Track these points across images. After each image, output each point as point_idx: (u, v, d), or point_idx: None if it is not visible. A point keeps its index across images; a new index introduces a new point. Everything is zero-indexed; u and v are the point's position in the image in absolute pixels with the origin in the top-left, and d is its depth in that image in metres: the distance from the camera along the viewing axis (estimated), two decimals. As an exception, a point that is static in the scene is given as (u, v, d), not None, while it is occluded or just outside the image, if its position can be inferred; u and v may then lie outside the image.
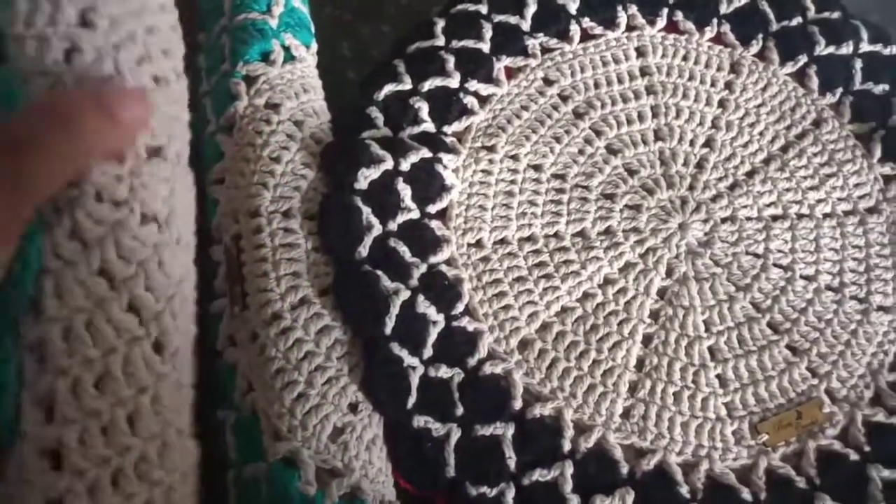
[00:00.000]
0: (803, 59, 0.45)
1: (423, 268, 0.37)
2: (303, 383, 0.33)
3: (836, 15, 0.46)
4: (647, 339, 0.39)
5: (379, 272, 0.36)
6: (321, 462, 0.32)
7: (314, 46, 0.42)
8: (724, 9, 0.46)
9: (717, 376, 0.38)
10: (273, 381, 0.33)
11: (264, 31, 0.40)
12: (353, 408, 0.34)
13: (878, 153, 0.43)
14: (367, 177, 0.38)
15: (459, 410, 0.35)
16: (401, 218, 0.39)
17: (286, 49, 0.40)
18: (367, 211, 0.38)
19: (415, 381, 0.35)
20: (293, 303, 0.35)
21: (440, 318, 0.36)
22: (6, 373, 0.26)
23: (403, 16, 0.49)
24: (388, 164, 0.39)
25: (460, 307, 0.37)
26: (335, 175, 0.38)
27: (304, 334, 0.35)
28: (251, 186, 0.37)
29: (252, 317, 0.35)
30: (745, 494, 0.35)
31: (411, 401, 0.35)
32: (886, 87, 0.45)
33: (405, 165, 0.39)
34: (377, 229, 0.38)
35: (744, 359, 0.38)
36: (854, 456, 0.36)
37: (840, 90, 0.45)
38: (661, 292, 0.40)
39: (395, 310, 0.35)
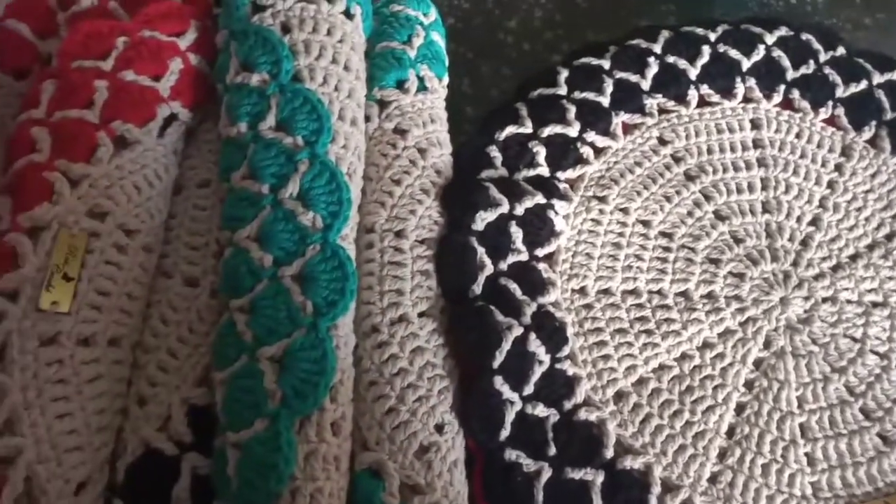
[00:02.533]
0: (915, 149, 0.46)
1: (534, 307, 0.38)
2: (394, 398, 0.34)
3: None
4: (740, 408, 0.39)
5: (492, 307, 0.37)
6: (405, 477, 0.33)
7: (446, 79, 0.44)
8: (839, 92, 0.47)
9: (806, 454, 0.38)
10: (366, 392, 0.34)
11: (402, 61, 0.41)
12: (440, 428, 0.35)
13: (985, 252, 0.44)
14: (484, 219, 0.39)
15: (552, 450, 0.36)
16: (511, 259, 0.40)
17: (420, 79, 0.42)
18: (481, 251, 0.39)
19: (511, 415, 0.36)
20: (392, 318, 0.36)
21: (546, 358, 0.37)
22: None
23: (523, 59, 0.50)
24: (504, 207, 0.40)
25: (566, 350, 0.38)
26: (454, 214, 0.40)
27: (399, 351, 0.36)
28: (369, 204, 0.39)
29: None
30: (827, 579, 0.35)
31: (504, 433, 0.36)
32: None
33: (519, 210, 0.41)
34: (489, 269, 0.39)
35: (833, 441, 0.38)
36: (941, 554, 0.36)
37: (950, 186, 0.45)
38: (758, 363, 0.40)
39: (506, 344, 0.36)
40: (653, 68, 0.47)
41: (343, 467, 0.32)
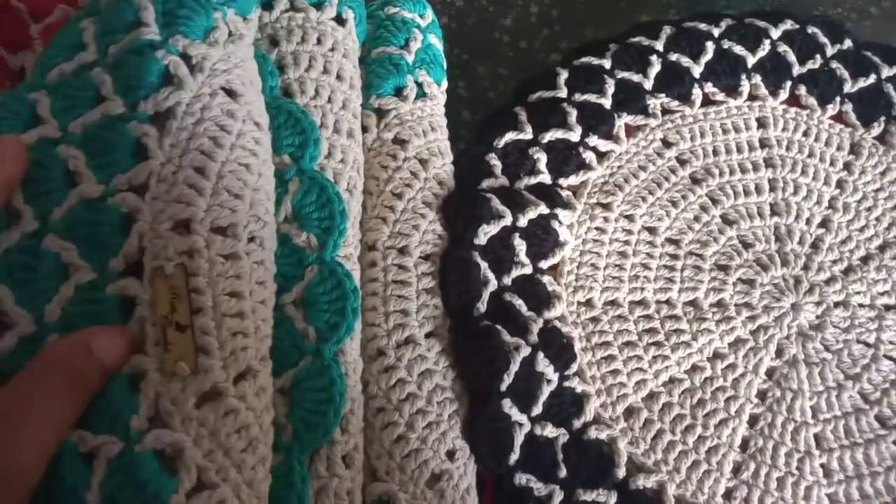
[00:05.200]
0: (926, 146, 0.45)
1: (541, 323, 0.37)
2: (403, 425, 0.33)
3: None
4: (753, 420, 0.38)
5: (499, 327, 0.36)
6: None
7: (445, 84, 0.42)
8: (847, 88, 0.46)
9: (822, 465, 0.37)
10: (373, 419, 0.33)
11: (400, 67, 0.40)
12: (451, 455, 0.34)
13: None
14: (486, 233, 0.38)
15: (563, 472, 0.35)
16: (515, 273, 0.38)
17: (419, 85, 0.40)
18: (484, 266, 0.38)
19: (520, 438, 0.35)
20: (399, 341, 0.35)
21: (555, 377, 0.36)
22: None
23: (521, 59, 0.49)
24: (507, 220, 0.39)
25: (574, 367, 0.37)
26: (456, 229, 0.38)
27: (407, 375, 0.34)
28: (371, 220, 0.37)
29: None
30: None
31: (514, 457, 0.34)
32: None
33: (522, 221, 0.39)
34: (493, 284, 0.38)
35: (849, 450, 0.38)
36: (960, 566, 0.35)
37: (962, 183, 0.44)
38: (770, 372, 0.39)
39: (514, 366, 0.35)
40: (655, 67, 0.45)
41: (356, 501, 0.31)
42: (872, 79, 0.46)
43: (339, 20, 0.39)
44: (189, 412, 0.26)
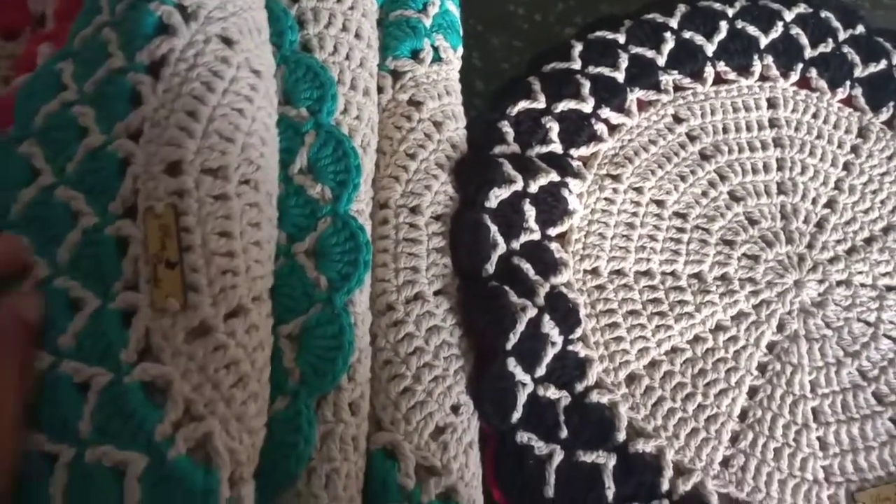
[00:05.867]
0: (933, 132, 0.45)
1: (547, 287, 0.37)
2: (410, 378, 0.34)
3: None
4: (752, 391, 0.38)
5: (506, 288, 0.36)
6: (421, 458, 0.32)
7: (461, 50, 0.42)
8: (858, 72, 0.46)
9: (818, 439, 0.38)
10: (381, 371, 0.34)
11: (417, 30, 0.40)
12: (456, 409, 0.34)
13: None
14: (497, 196, 0.38)
15: (564, 433, 0.35)
16: (524, 238, 0.39)
17: (435, 49, 0.41)
18: (494, 229, 0.38)
19: (523, 397, 0.35)
20: (408, 297, 0.35)
21: (559, 339, 0.37)
22: None
23: (535, 32, 0.49)
24: (519, 185, 0.39)
25: (578, 332, 0.37)
26: (468, 191, 0.39)
27: (415, 329, 0.35)
28: (383, 179, 0.38)
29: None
30: (838, 563, 0.35)
31: (516, 416, 0.35)
32: None
33: (533, 187, 0.40)
34: (502, 247, 0.38)
35: (846, 425, 0.38)
36: (952, 540, 0.36)
37: (967, 169, 0.45)
38: (771, 346, 0.39)
39: (521, 326, 0.35)
40: (669, 43, 0.45)
41: (361, 448, 0.31)
42: (883, 64, 0.46)
43: (359, -20, 0.39)
44: (178, 346, 0.27)
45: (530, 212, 0.39)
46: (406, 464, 0.32)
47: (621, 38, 0.45)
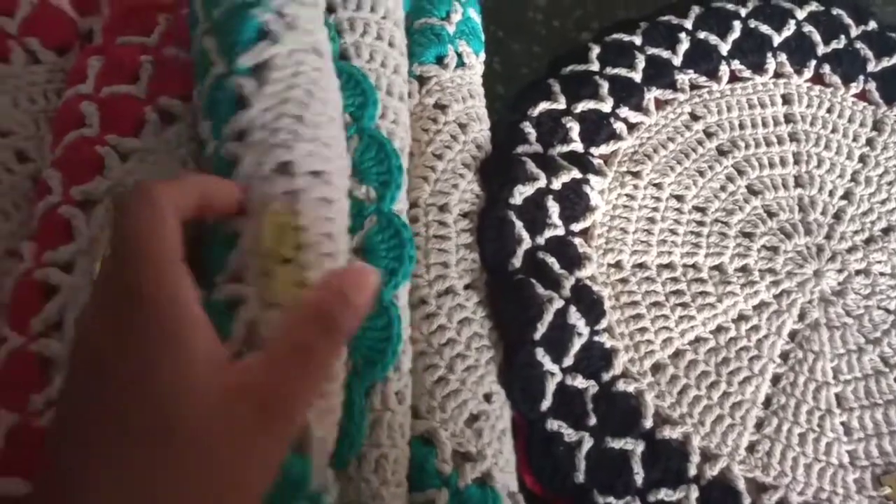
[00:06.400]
0: (947, 124, 0.46)
1: (572, 280, 0.39)
2: (444, 368, 0.35)
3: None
4: (776, 379, 0.39)
5: (533, 281, 0.37)
6: (457, 444, 0.33)
7: (483, 55, 0.44)
8: (871, 67, 0.47)
9: (842, 423, 0.39)
10: (415, 362, 0.35)
11: (441, 37, 0.42)
12: (488, 398, 0.35)
13: None
14: (521, 193, 0.40)
15: (592, 421, 0.37)
16: (548, 233, 0.40)
17: (459, 55, 0.42)
18: (519, 225, 0.39)
19: (552, 386, 0.37)
20: (439, 291, 0.37)
21: (585, 330, 0.38)
22: None
23: (553, 37, 0.50)
24: (542, 182, 0.41)
25: (604, 323, 0.39)
26: (493, 189, 0.40)
27: (448, 322, 0.36)
28: (413, 179, 0.39)
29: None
30: (865, 543, 0.36)
31: (546, 404, 0.36)
32: None
33: (556, 184, 0.41)
34: (527, 243, 0.39)
35: (869, 410, 0.39)
36: (977, 521, 0.37)
37: (982, 159, 0.46)
38: (793, 335, 0.40)
39: (548, 317, 0.37)
40: (684, 44, 0.47)
41: (406, 435, 0.32)
42: (896, 59, 0.47)
43: (389, -10, 0.41)
44: None
45: (553, 208, 0.40)
46: (443, 450, 0.33)
47: (637, 40, 0.47)
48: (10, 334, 0.30)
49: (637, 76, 0.46)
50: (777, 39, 0.47)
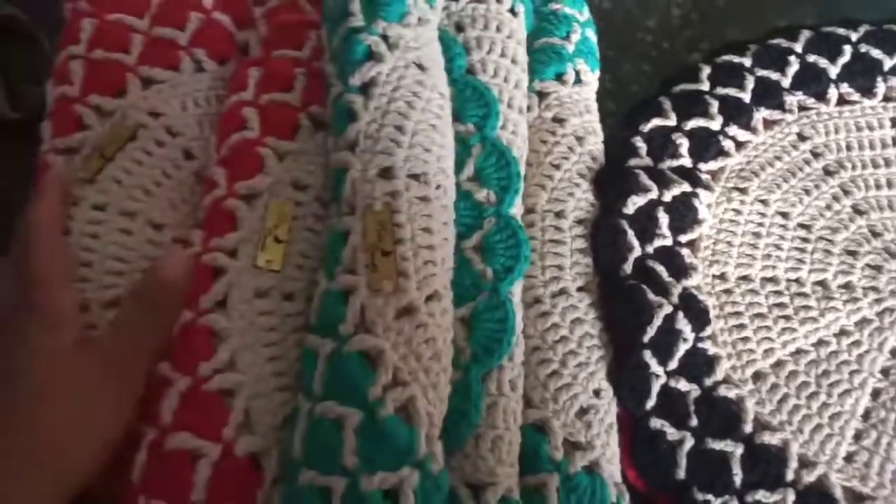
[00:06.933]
0: None
1: (680, 288, 0.41)
2: (556, 363, 0.38)
3: None
4: (875, 393, 0.41)
5: (644, 286, 0.40)
6: (567, 434, 0.36)
7: (598, 73, 0.46)
8: (984, 93, 0.48)
9: (942, 440, 0.40)
10: (530, 356, 0.38)
11: (561, 55, 0.45)
12: (597, 393, 0.38)
13: None
14: (635, 203, 0.42)
15: (694, 422, 0.39)
16: (657, 243, 0.42)
17: (577, 73, 0.45)
18: (631, 234, 0.42)
19: (656, 387, 0.39)
20: (554, 291, 0.40)
21: (691, 336, 0.40)
22: None
23: (663, 57, 0.53)
24: (654, 194, 0.43)
25: (708, 331, 0.41)
26: (607, 198, 0.43)
27: (561, 321, 0.39)
28: (530, 187, 0.42)
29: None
30: (962, 557, 0.37)
31: (650, 403, 0.38)
32: None
33: (667, 196, 0.43)
34: (637, 251, 0.42)
35: (970, 429, 0.40)
36: None
37: None
38: (894, 352, 0.42)
39: (657, 321, 0.39)
40: (793, 66, 0.48)
41: (518, 420, 0.35)
42: None
43: (513, 12, 0.44)
44: (389, 323, 0.32)
45: (664, 219, 0.43)
46: (555, 438, 0.36)
47: (747, 62, 0.49)
48: (183, 310, 0.34)
49: (746, 96, 0.47)
50: (888, 64, 0.49)
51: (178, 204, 0.38)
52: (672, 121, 0.46)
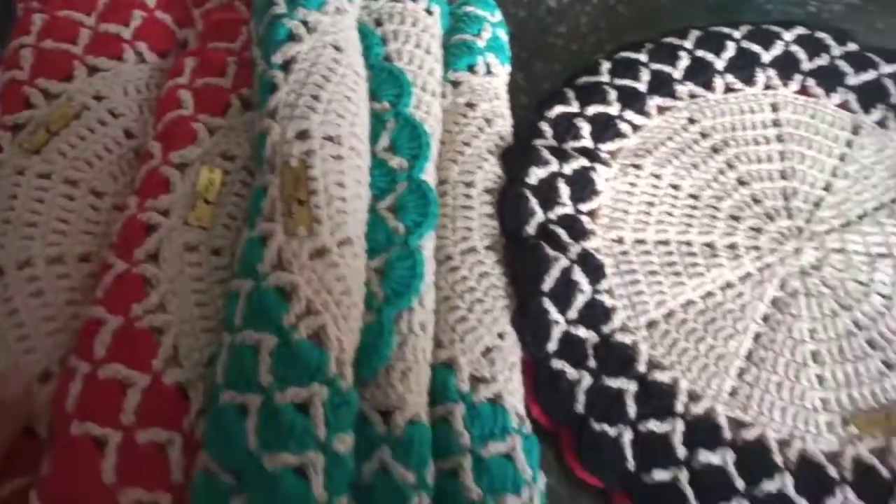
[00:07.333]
0: (920, 129, 0.52)
1: (578, 248, 0.45)
2: (464, 309, 0.42)
3: (953, 97, 0.53)
4: (757, 336, 0.45)
5: (543, 243, 0.44)
6: (473, 370, 0.40)
7: (508, 67, 0.52)
8: (850, 81, 0.54)
9: (817, 375, 0.44)
10: (441, 305, 0.42)
11: (473, 49, 0.50)
12: (501, 336, 0.42)
13: (982, 215, 0.49)
14: (537, 175, 0.47)
15: (592, 363, 0.43)
16: (559, 211, 0.47)
17: (487, 65, 0.50)
18: (534, 201, 0.46)
19: (557, 333, 0.43)
20: (463, 249, 0.44)
21: (588, 289, 0.44)
22: None
23: (571, 58, 0.58)
24: (554, 166, 0.48)
25: (604, 285, 0.45)
26: (512, 170, 0.47)
27: (469, 274, 0.43)
28: (444, 161, 0.47)
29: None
30: (833, 473, 0.40)
31: (551, 347, 0.42)
32: None
33: (567, 170, 0.48)
34: (540, 216, 0.46)
35: (841, 365, 0.44)
36: (936, 459, 0.41)
37: (951, 159, 0.52)
38: (774, 301, 0.46)
39: (555, 272, 0.43)
40: (684, 61, 0.54)
41: (428, 358, 0.39)
42: (873, 74, 0.54)
43: (428, 11, 0.49)
44: (304, 262, 0.36)
45: (564, 190, 0.47)
46: (461, 373, 0.40)
47: (643, 57, 0.54)
48: (116, 261, 0.38)
49: (642, 86, 0.53)
50: (766, 57, 0.54)
51: (118, 175, 0.43)
52: (575, 108, 0.52)
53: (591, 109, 0.51)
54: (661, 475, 0.40)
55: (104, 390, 0.35)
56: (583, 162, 0.49)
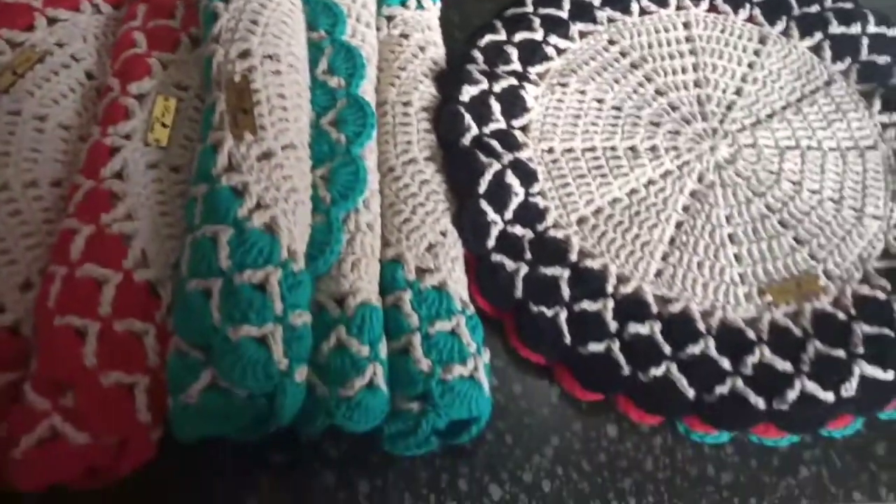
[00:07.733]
0: (819, 35, 0.57)
1: (511, 156, 0.49)
2: (407, 212, 0.46)
3: (849, 4, 0.58)
4: (678, 224, 0.49)
5: (477, 151, 0.49)
6: (419, 262, 0.44)
7: (438, 4, 0.56)
8: (755, -3, 0.59)
9: (734, 254, 0.48)
10: (386, 211, 0.46)
11: (405, -13, 0.54)
12: (443, 234, 0.46)
13: (877, 105, 0.54)
14: (469, 93, 0.51)
15: (528, 256, 0.47)
16: (492, 126, 0.51)
17: (418, 0, 0.54)
18: (468, 117, 0.51)
19: (495, 231, 0.47)
20: (404, 161, 0.48)
21: (521, 191, 0.48)
22: None
23: (502, -2, 0.63)
24: (485, 85, 0.52)
25: (536, 188, 0.49)
26: (446, 90, 0.52)
27: (411, 181, 0.47)
28: (382, 85, 0.51)
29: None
30: (751, 335, 0.45)
31: (490, 243, 0.46)
32: (888, 58, 0.56)
33: (497, 88, 0.52)
34: (474, 130, 0.50)
35: (756, 244, 0.49)
36: (842, 316, 0.46)
37: (849, 60, 0.56)
38: (693, 193, 0.51)
39: (488, 176, 0.47)
40: (602, -10, 0.59)
41: (376, 254, 0.43)
42: (776, -10, 0.59)
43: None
44: (252, 164, 0.40)
45: (496, 106, 0.52)
46: (408, 265, 0.43)
47: (565, -10, 0.59)
48: (84, 181, 0.42)
49: (564, 14, 0.57)
50: (678, -19, 0.59)
51: (81, 112, 0.46)
52: (503, 36, 0.56)
53: (519, 36, 0.56)
54: (595, 346, 0.44)
55: (81, 287, 0.38)
56: (511, 81, 0.53)
